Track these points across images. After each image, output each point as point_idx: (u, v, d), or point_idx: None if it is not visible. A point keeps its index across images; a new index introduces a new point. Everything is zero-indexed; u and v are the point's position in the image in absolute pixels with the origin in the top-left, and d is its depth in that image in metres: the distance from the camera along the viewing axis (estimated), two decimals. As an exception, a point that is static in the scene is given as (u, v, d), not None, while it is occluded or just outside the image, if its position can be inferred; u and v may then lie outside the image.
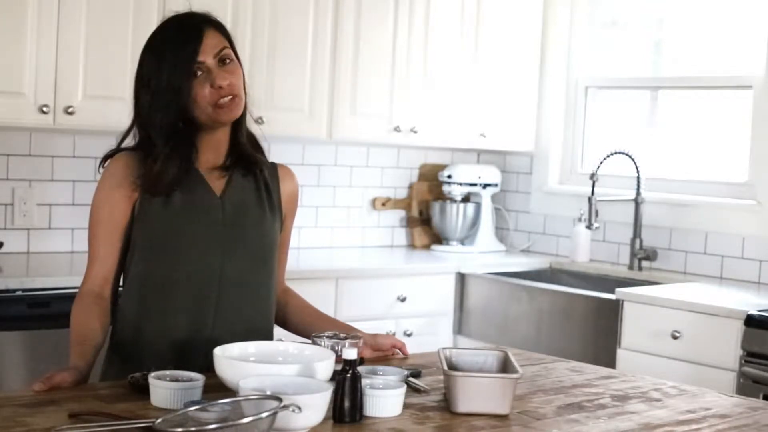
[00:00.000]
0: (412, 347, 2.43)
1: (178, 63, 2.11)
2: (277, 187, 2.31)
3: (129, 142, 2.23)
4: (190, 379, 1.85)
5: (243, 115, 2.23)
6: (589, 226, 4.31)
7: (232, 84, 2.14)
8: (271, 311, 2.29)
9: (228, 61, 2.16)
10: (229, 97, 2.14)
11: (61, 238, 3.84)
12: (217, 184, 2.22)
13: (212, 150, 2.22)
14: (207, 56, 2.13)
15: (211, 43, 2.14)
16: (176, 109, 2.12)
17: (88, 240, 2.20)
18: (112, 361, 2.22)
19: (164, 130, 2.13)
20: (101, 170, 2.22)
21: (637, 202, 4.37)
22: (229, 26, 3.95)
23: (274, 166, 2.34)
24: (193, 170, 2.19)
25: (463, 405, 1.89)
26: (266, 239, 2.25)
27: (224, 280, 2.18)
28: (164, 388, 1.81)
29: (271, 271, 2.27)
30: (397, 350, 2.34)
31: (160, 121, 2.13)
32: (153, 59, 2.15)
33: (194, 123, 2.16)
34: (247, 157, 2.24)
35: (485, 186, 4.89)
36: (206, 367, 1.93)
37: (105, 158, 2.23)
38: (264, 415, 1.54)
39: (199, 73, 2.12)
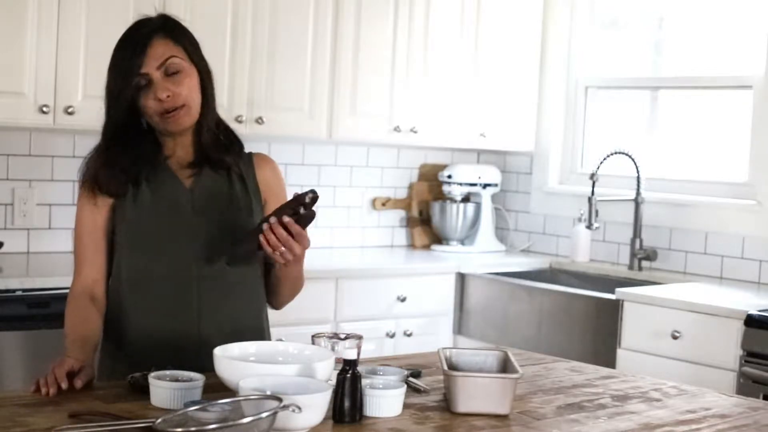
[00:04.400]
0: (412, 347, 2.43)
1: (120, 74, 2.14)
2: (252, 174, 2.29)
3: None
4: (190, 379, 1.85)
5: (203, 118, 2.21)
6: (589, 226, 4.31)
7: (175, 95, 2.13)
8: (259, 305, 2.28)
9: (174, 71, 2.14)
10: (175, 108, 2.14)
11: (61, 238, 3.84)
12: (187, 179, 2.22)
13: (180, 148, 2.23)
14: (150, 68, 2.12)
15: (155, 54, 2.13)
16: (116, 118, 2.16)
17: (74, 246, 2.23)
18: (103, 360, 2.22)
19: (107, 134, 2.19)
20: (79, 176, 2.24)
21: (637, 202, 4.37)
22: (228, 27, 3.97)
23: (249, 156, 2.32)
24: (164, 168, 2.20)
25: (463, 405, 1.90)
26: (240, 226, 2.22)
27: (202, 272, 2.17)
28: (164, 388, 1.81)
29: (251, 261, 2.24)
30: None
31: (106, 126, 2.20)
32: (109, 66, 2.18)
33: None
34: (213, 160, 2.23)
35: (485, 186, 4.89)
36: (198, 367, 1.92)
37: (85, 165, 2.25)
38: (264, 415, 1.54)
39: (143, 83, 2.13)
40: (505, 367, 2.02)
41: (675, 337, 3.56)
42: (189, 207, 2.19)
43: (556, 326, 3.99)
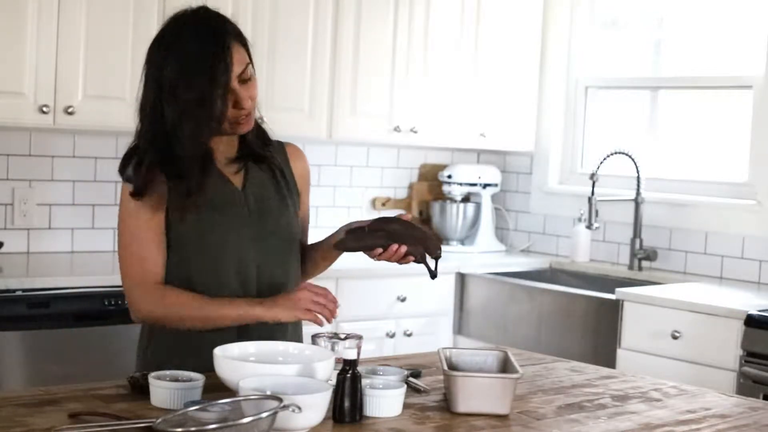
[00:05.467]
0: (412, 347, 2.43)
1: (213, 81, 2.05)
2: (288, 168, 2.35)
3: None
4: (190, 379, 1.85)
5: None
6: (589, 226, 4.31)
7: (253, 101, 2.15)
8: None
9: (248, 78, 2.13)
10: (249, 113, 2.15)
11: (61, 238, 3.84)
12: (235, 177, 2.23)
13: (224, 145, 2.22)
14: (234, 76, 2.10)
15: (237, 61, 2.10)
16: (207, 124, 2.08)
17: (125, 245, 2.15)
18: (154, 353, 2.19)
19: (191, 143, 2.08)
20: (124, 181, 2.15)
21: (637, 202, 4.37)
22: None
23: (281, 145, 2.37)
24: (211, 168, 2.18)
25: (463, 405, 1.90)
26: (292, 226, 2.27)
27: (261, 273, 2.20)
28: (164, 388, 1.81)
29: (298, 259, 2.31)
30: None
31: (189, 134, 2.08)
32: (177, 65, 2.07)
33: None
34: (256, 155, 2.27)
35: (485, 186, 4.89)
36: None
37: (123, 165, 2.15)
38: (264, 415, 1.54)
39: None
40: (505, 367, 2.02)
41: (675, 337, 3.56)
42: (245, 210, 2.20)
43: (556, 326, 3.99)
